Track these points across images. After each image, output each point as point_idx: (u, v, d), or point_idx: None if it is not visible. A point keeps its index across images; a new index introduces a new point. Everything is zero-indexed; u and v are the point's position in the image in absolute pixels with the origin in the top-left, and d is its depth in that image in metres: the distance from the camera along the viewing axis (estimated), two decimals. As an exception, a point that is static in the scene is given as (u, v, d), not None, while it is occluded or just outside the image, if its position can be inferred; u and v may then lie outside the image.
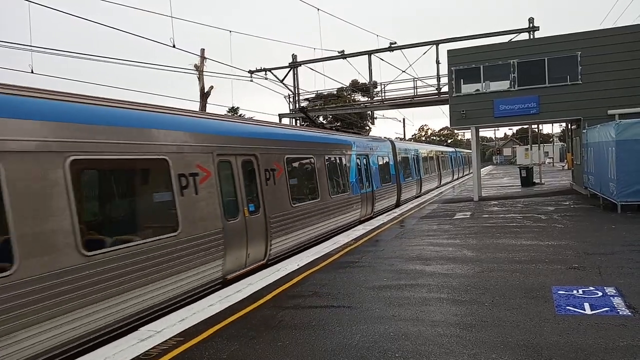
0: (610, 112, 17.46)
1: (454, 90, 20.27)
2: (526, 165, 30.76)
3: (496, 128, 64.94)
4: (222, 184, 8.49)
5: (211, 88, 26.06)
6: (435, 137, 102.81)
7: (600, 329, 5.03)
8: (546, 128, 77.31)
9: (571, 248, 9.30)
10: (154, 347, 5.14)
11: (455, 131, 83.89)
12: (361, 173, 16.64)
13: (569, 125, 24.83)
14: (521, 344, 4.73)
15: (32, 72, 13.92)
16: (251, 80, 29.01)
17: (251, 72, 29.27)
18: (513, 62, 19.24)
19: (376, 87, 29.94)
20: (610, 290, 6.34)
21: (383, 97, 29.22)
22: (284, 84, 30.15)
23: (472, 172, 23.28)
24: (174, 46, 16.31)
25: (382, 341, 5.02)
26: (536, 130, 44.62)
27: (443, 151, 39.83)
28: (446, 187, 32.45)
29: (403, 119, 53.74)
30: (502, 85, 19.74)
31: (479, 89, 20.12)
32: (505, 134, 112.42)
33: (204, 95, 25.62)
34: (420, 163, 27.49)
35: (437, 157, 34.84)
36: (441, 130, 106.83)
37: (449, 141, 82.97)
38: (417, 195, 25.94)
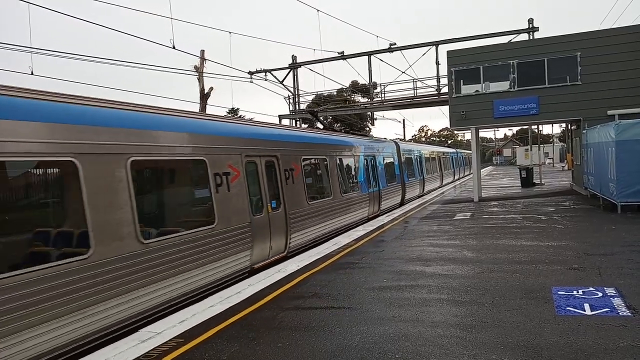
0: (610, 113, 17.45)
1: (454, 91, 20.27)
2: (526, 165, 30.77)
3: (496, 129, 65.09)
4: (249, 183, 9.28)
5: (211, 89, 26.10)
6: (435, 138, 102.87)
7: (600, 330, 5.03)
8: (546, 129, 77.32)
9: (571, 249, 9.30)
10: (155, 349, 5.14)
11: (455, 132, 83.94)
12: (369, 173, 17.18)
13: (569, 125, 24.84)
14: (521, 345, 4.74)
15: (32, 74, 13.97)
16: (251, 81, 29.08)
17: (251, 73, 29.31)
18: (513, 63, 19.24)
19: (376, 88, 29.98)
20: (610, 290, 6.34)
21: (383, 98, 29.23)
22: (284, 85, 30.20)
23: (472, 173, 23.33)
24: (174, 47, 16.35)
25: (382, 342, 5.03)
26: (536, 130, 44.64)
27: (444, 152, 40.00)
28: (447, 187, 32.52)
29: (403, 120, 53.92)
30: (502, 85, 19.74)
31: (479, 90, 20.12)
32: (505, 135, 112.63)
33: (204, 96, 25.64)
34: (423, 164, 27.73)
35: (439, 158, 34.96)
36: (441, 131, 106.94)
37: (449, 142, 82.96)
38: (420, 194, 26.14)
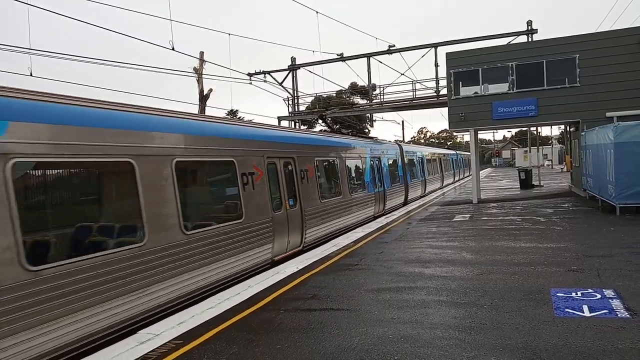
0: (608, 115, 17.49)
1: (453, 92, 20.31)
2: (525, 167, 30.81)
3: (495, 130, 65.05)
4: (270, 182, 10.07)
5: (210, 91, 26.14)
6: (434, 140, 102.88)
7: (599, 331, 5.04)
8: (545, 130, 77.52)
9: (570, 250, 9.31)
10: (153, 350, 5.14)
11: (454, 133, 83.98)
12: (374, 174, 17.93)
13: (568, 127, 24.87)
14: (520, 347, 4.74)
15: (31, 75, 13.96)
16: (250, 83, 29.11)
17: (250, 75, 29.34)
18: (511, 65, 19.28)
19: (375, 90, 29.99)
20: (609, 292, 6.34)
21: (382, 100, 29.27)
22: (283, 87, 30.22)
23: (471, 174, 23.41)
24: (174, 49, 16.35)
25: (381, 344, 5.02)
26: (535, 132, 44.68)
27: (445, 154, 40.26)
28: (448, 188, 32.59)
29: (402, 122, 53.75)
30: (501, 87, 19.78)
31: (478, 92, 20.16)
32: (504, 137, 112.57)
33: (203, 98, 25.68)
34: (424, 165, 28.08)
35: (440, 160, 35.17)
36: (440, 132, 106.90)
37: (449, 143, 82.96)
38: (422, 195, 26.41)
